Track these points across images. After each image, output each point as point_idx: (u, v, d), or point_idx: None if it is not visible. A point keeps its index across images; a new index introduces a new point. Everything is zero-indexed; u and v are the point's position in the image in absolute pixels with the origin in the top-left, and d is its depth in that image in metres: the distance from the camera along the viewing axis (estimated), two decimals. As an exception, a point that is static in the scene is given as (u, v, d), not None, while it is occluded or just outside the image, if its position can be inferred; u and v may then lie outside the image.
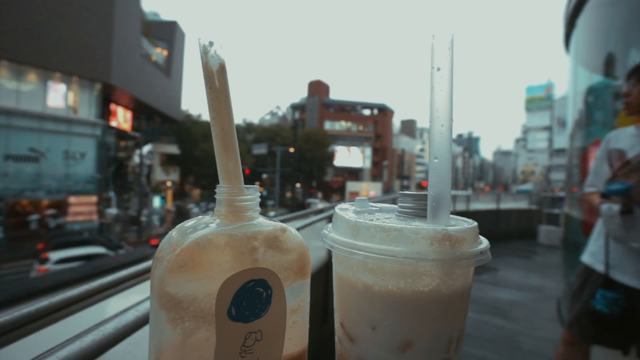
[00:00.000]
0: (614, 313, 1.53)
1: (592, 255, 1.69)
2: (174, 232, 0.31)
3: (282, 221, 0.35)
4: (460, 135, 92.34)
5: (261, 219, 0.33)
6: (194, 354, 0.28)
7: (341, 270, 0.34)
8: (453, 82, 0.31)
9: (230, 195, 0.32)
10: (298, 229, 0.74)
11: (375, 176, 52.91)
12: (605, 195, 1.54)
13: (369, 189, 46.51)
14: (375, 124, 53.25)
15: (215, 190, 0.33)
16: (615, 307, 1.53)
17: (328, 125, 51.38)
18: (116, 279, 0.88)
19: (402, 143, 60.69)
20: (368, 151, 51.31)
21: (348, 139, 51.34)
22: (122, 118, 23.05)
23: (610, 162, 1.63)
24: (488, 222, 9.11)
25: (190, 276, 0.28)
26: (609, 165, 1.64)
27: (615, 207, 1.47)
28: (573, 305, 1.75)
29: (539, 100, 70.48)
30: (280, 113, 68.26)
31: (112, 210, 22.43)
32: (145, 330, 0.61)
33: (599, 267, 1.63)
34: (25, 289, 7.45)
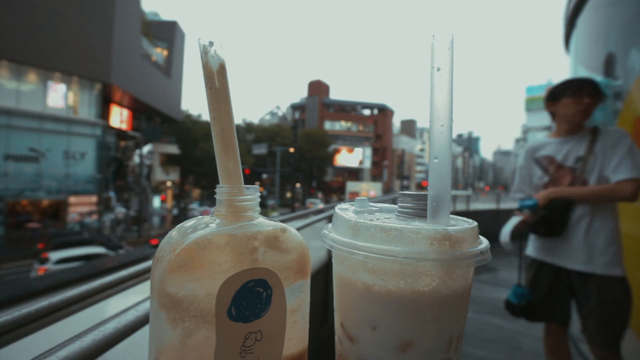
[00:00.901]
0: (520, 304, 1.87)
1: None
2: (174, 232, 0.31)
3: (282, 221, 0.35)
4: (460, 135, 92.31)
5: (261, 219, 0.33)
6: (194, 354, 0.28)
7: (341, 270, 0.34)
8: (453, 82, 0.31)
9: (230, 195, 0.32)
10: (298, 229, 0.74)
11: (375, 176, 52.91)
12: (519, 209, 1.85)
13: (369, 189, 46.51)
14: (375, 124, 53.25)
15: (215, 190, 0.33)
16: (522, 300, 1.88)
17: (328, 125, 51.39)
18: (116, 279, 0.88)
19: (402, 143, 60.69)
20: (368, 151, 51.33)
21: (348, 139, 51.35)
22: (120, 118, 23.01)
23: (543, 168, 1.86)
24: (488, 222, 9.11)
25: (190, 276, 0.28)
26: (543, 170, 1.86)
27: (516, 219, 1.80)
28: None
29: (539, 100, 70.36)
30: (280, 113, 68.27)
31: (121, 209, 22.58)
32: (145, 330, 0.61)
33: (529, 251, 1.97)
34: (25, 289, 7.44)
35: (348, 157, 50.38)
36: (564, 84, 1.79)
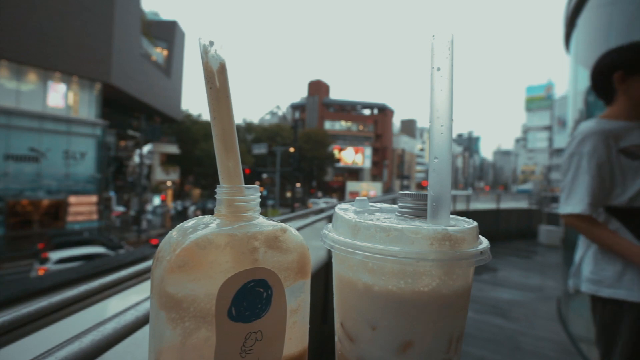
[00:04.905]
0: None
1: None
2: (174, 232, 0.31)
3: (282, 221, 0.35)
4: (460, 135, 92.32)
5: (261, 219, 0.33)
6: (194, 354, 0.28)
7: (341, 270, 0.34)
8: (453, 82, 0.31)
9: (231, 195, 0.32)
10: (298, 229, 0.74)
11: (375, 176, 52.92)
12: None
13: (369, 188, 46.52)
14: (375, 124, 53.27)
15: (216, 190, 0.33)
16: None
17: (328, 125, 51.42)
18: (116, 279, 0.88)
19: (402, 143, 60.69)
20: (368, 151, 51.34)
21: (348, 139, 51.37)
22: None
23: None
24: (488, 222, 9.11)
25: (190, 276, 0.28)
26: None
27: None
28: None
29: (539, 100, 70.53)
30: (280, 113, 68.27)
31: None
32: (145, 330, 0.61)
33: None
34: (25, 289, 7.44)
35: (351, 156, 50.35)
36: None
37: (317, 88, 51.86)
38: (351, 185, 46.95)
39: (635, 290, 1.27)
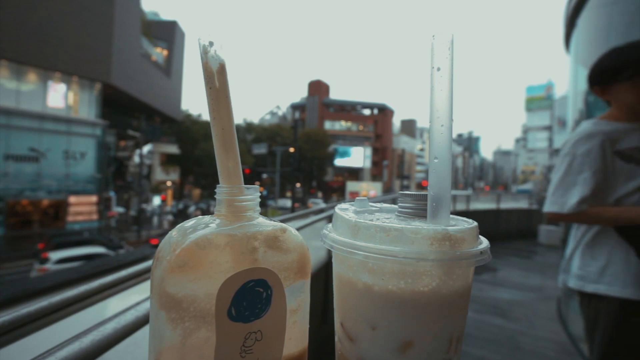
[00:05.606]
0: None
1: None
2: (174, 232, 0.31)
3: (282, 221, 0.35)
4: (460, 135, 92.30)
5: (261, 219, 0.33)
6: (194, 354, 0.28)
7: (341, 270, 0.34)
8: (453, 82, 0.31)
9: (230, 195, 0.32)
10: (298, 229, 0.74)
11: (375, 176, 52.92)
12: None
13: (369, 188, 46.51)
14: (375, 124, 53.27)
15: (215, 190, 0.33)
16: None
17: (328, 125, 51.43)
18: (116, 279, 0.88)
19: (402, 143, 60.67)
20: (368, 151, 51.34)
21: (348, 139, 51.38)
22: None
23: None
24: (488, 222, 9.11)
25: (190, 276, 0.28)
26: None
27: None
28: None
29: (539, 100, 70.54)
30: (280, 113, 68.29)
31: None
32: (145, 330, 0.61)
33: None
34: (25, 289, 7.45)
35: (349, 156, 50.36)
36: (619, 61, 1.34)
37: (317, 88, 51.87)
38: (351, 185, 46.93)
39: (615, 285, 1.29)
